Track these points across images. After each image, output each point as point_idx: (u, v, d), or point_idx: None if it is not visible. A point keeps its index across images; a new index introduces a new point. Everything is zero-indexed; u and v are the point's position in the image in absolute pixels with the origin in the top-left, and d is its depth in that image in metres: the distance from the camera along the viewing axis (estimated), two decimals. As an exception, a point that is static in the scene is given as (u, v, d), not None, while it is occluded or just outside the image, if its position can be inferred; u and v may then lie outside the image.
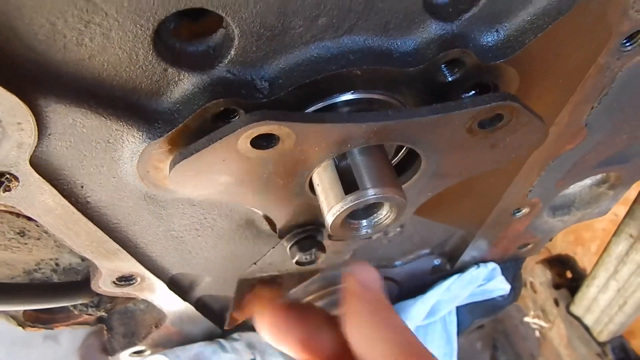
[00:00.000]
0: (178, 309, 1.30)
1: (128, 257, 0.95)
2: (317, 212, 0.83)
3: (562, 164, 1.06)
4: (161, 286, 1.12)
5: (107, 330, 1.43)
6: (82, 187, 0.75)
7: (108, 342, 1.43)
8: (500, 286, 1.63)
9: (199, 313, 1.36)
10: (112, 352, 1.43)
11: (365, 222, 0.79)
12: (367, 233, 0.80)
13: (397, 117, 0.67)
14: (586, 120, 0.92)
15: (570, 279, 2.20)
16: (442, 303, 1.63)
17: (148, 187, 0.78)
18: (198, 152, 0.64)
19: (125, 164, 0.73)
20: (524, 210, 1.24)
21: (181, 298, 1.22)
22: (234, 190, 0.75)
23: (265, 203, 0.82)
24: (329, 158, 0.73)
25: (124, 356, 1.45)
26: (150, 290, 1.12)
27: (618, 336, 2.02)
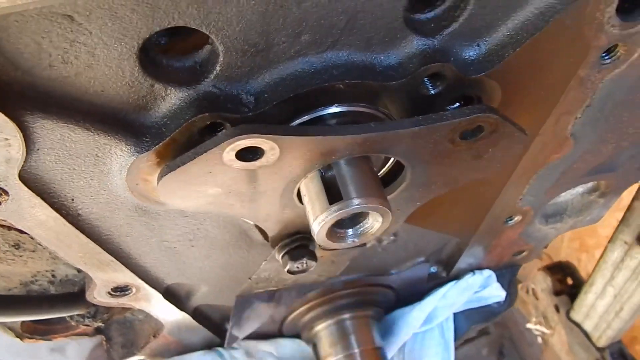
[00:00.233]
0: (175, 319, 1.31)
1: (122, 268, 0.96)
2: (307, 222, 0.84)
3: (551, 173, 1.07)
4: (157, 296, 1.13)
5: (106, 340, 1.43)
6: (73, 200, 0.77)
7: (107, 353, 1.44)
8: (496, 293, 1.63)
9: (197, 323, 1.37)
10: (112, 362, 1.44)
11: (351, 232, 0.81)
12: (354, 242, 0.81)
13: (380, 129, 0.69)
14: (571, 130, 0.93)
15: (570, 286, 2.20)
16: (439, 310, 1.63)
17: (138, 199, 0.80)
18: (184, 165, 0.66)
19: (114, 177, 0.75)
20: (516, 218, 1.25)
21: (178, 308, 1.23)
22: (223, 201, 0.76)
23: (255, 213, 0.83)
24: (315, 169, 0.74)
25: (123, 366, 1.46)
26: (146, 300, 1.13)
27: (617, 341, 2.02)
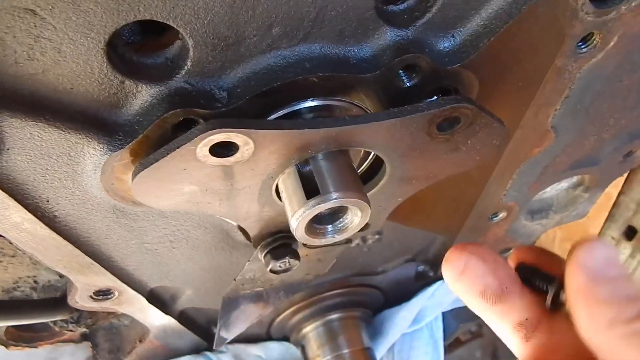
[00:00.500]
0: (161, 323, 1.29)
1: (103, 271, 0.95)
2: (287, 220, 0.83)
3: (534, 167, 1.07)
4: (141, 300, 1.12)
5: (93, 346, 1.42)
6: (48, 202, 0.76)
7: (93, 359, 1.43)
8: (484, 291, 1.63)
9: (183, 326, 1.36)
10: (98, 369, 1.42)
11: (330, 227, 0.79)
12: (334, 238, 0.80)
13: (354, 123, 0.68)
14: (551, 123, 0.92)
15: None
16: (428, 309, 1.63)
17: (115, 200, 0.79)
18: (157, 162, 0.65)
19: (89, 177, 0.74)
20: (501, 214, 1.25)
21: (163, 312, 1.22)
22: (200, 199, 0.75)
23: (234, 212, 0.82)
24: (292, 165, 0.73)
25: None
26: (129, 304, 1.12)
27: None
